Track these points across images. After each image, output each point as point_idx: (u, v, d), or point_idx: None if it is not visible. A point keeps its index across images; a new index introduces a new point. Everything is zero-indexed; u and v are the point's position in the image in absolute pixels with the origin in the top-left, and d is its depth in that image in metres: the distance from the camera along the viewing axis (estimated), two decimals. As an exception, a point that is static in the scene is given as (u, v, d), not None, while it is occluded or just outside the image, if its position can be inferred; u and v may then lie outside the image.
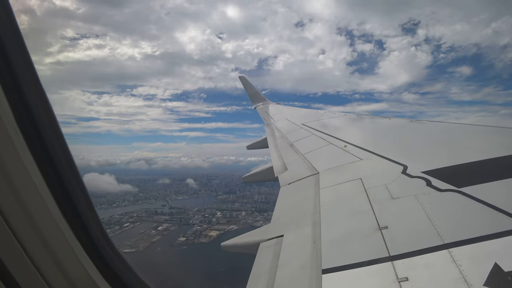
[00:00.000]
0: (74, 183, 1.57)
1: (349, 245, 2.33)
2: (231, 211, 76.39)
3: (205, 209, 78.32)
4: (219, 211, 75.82)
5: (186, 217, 74.36)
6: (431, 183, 2.71)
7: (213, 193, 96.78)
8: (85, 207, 1.64)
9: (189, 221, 71.06)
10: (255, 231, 3.54)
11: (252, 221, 67.17)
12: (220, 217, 71.98)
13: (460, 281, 1.59)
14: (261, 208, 76.20)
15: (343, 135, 5.62)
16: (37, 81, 1.38)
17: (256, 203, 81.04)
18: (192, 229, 65.42)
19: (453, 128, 4.64)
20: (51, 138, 1.45)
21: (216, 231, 63.72)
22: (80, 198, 1.60)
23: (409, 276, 1.73)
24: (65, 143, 1.52)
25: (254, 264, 2.57)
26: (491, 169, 2.79)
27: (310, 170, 4.39)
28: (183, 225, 69.13)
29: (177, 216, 75.29)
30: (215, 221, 69.70)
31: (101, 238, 1.74)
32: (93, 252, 1.61)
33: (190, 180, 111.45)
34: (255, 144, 9.73)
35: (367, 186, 3.14)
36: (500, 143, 3.55)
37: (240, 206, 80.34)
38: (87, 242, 1.58)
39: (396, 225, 2.30)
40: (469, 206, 2.22)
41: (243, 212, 75.00)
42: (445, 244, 1.88)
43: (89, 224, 1.64)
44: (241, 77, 16.40)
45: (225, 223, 68.59)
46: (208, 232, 63.13)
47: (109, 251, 1.78)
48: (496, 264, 1.60)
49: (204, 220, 70.48)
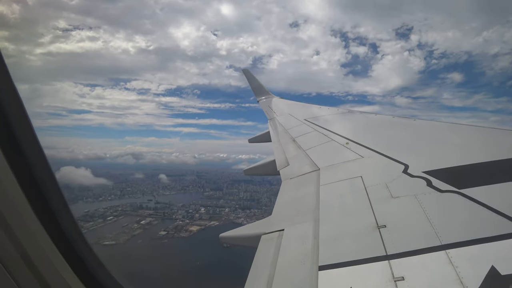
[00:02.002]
0: (45, 178, 1.51)
1: (346, 242, 2.34)
2: (215, 207, 77.45)
3: (190, 204, 79.35)
4: (203, 207, 76.78)
5: (170, 212, 75.45)
6: (432, 184, 2.70)
7: (201, 189, 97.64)
8: (59, 204, 1.59)
9: (172, 216, 72.15)
10: (255, 224, 3.57)
11: (234, 218, 68.49)
12: (203, 213, 73.10)
13: (456, 282, 1.59)
14: (244, 206, 77.51)
15: (345, 132, 5.60)
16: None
17: (241, 200, 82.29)
18: (174, 224, 66.56)
19: (457, 128, 4.60)
20: (21, 132, 1.39)
21: (197, 226, 65.05)
22: (53, 195, 1.55)
23: (405, 276, 1.74)
24: (36, 137, 1.46)
25: (256, 255, 2.61)
26: (493, 172, 2.77)
27: (311, 166, 4.38)
28: (166, 220, 70.25)
29: (161, 210, 76.43)
30: (197, 216, 70.90)
31: (76, 237, 1.70)
32: (67, 251, 1.57)
33: (162, 176, 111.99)
34: (257, 137, 9.73)
35: (367, 184, 3.14)
36: (504, 146, 3.52)
37: (225, 203, 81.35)
38: (61, 241, 1.54)
39: (395, 224, 2.31)
40: (469, 208, 2.22)
41: (227, 208, 76.11)
42: (443, 245, 1.88)
43: (63, 222, 1.59)
44: (245, 70, 16.29)
45: (207, 219, 69.78)
46: (189, 227, 64.44)
47: (84, 250, 1.74)
48: (493, 267, 1.60)
49: (187, 216, 71.56)
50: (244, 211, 72.83)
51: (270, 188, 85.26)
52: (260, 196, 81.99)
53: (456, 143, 4.01)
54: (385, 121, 6.07)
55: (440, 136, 4.50)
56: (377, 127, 6.08)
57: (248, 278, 2.33)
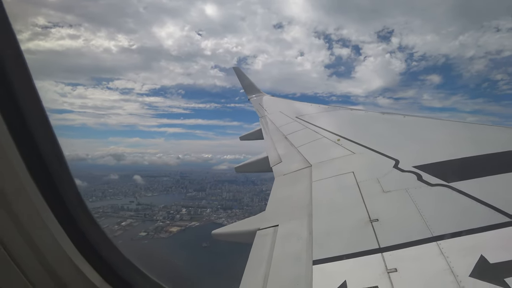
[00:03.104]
0: (61, 174, 1.47)
1: (340, 236, 2.36)
2: (197, 208, 76.80)
3: (172, 205, 78.49)
4: (185, 208, 76.00)
5: (151, 213, 74.55)
6: (422, 178, 2.76)
7: (184, 190, 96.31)
8: (74, 199, 1.53)
9: (153, 217, 71.35)
10: (248, 220, 3.55)
11: (215, 218, 68.22)
12: (184, 213, 72.54)
13: (447, 272, 1.63)
14: (226, 206, 77.13)
15: (336, 129, 5.65)
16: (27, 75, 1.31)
17: (223, 200, 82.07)
18: (154, 225, 66.01)
19: (445, 124, 4.72)
20: (39, 131, 1.36)
21: (177, 227, 64.68)
22: (68, 190, 1.49)
23: (398, 268, 1.77)
24: (54, 136, 1.43)
25: (252, 250, 2.61)
26: (480, 166, 2.85)
27: (304, 163, 4.40)
28: (147, 221, 69.42)
29: (142, 212, 75.42)
30: (178, 217, 70.34)
31: (94, 232, 1.63)
32: (86, 249, 1.50)
33: (137, 177, 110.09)
34: (248, 135, 9.71)
35: (359, 179, 3.18)
36: (489, 141, 3.62)
37: (207, 204, 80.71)
38: (78, 238, 1.47)
39: (387, 218, 2.34)
40: (458, 201, 2.27)
41: (209, 209, 75.63)
42: (434, 236, 1.93)
43: (79, 217, 1.53)
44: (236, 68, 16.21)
45: (188, 219, 69.34)
46: (169, 228, 63.99)
47: (104, 245, 1.66)
48: (482, 256, 1.65)
49: (168, 217, 71.05)
50: (226, 211, 72.65)
51: (253, 188, 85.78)
52: (242, 196, 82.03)
53: (445, 139, 4.11)
54: (376, 118, 6.16)
55: (429, 132, 4.60)
56: (367, 123, 6.16)
57: (245, 273, 2.33)
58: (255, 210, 67.96)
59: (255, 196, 80.00)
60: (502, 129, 3.90)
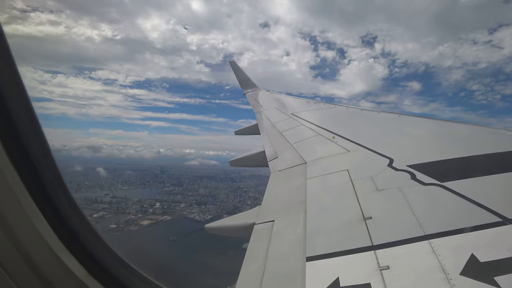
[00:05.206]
0: (45, 165, 1.44)
1: (333, 234, 2.38)
2: (171, 202, 77.33)
3: (146, 199, 78.76)
4: (159, 202, 76.36)
5: (124, 206, 74.64)
6: (416, 177, 2.79)
7: (161, 185, 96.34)
8: (59, 191, 1.49)
9: (126, 210, 71.46)
10: (242, 214, 3.56)
11: (188, 213, 68.84)
12: (158, 207, 72.78)
13: (438, 270, 1.66)
14: (201, 201, 77.74)
15: (332, 127, 5.66)
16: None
17: (199, 196, 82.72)
18: (126, 218, 66.09)
19: (440, 124, 4.77)
20: (26, 129, 1.34)
21: (148, 220, 64.90)
22: (53, 181, 1.47)
23: (390, 265, 1.79)
24: (40, 127, 1.42)
25: (249, 244, 2.63)
26: (473, 166, 2.90)
27: (298, 160, 4.41)
28: (119, 214, 69.45)
29: (116, 205, 75.51)
30: (151, 211, 70.54)
31: (79, 223, 1.60)
32: (70, 241, 1.47)
33: (100, 169, 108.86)
34: (244, 130, 9.69)
35: (353, 177, 3.20)
36: (483, 142, 3.68)
37: (182, 198, 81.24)
38: (62, 230, 1.44)
39: (380, 216, 2.37)
40: (450, 200, 2.31)
41: (183, 204, 76.16)
42: (426, 235, 1.96)
43: (63, 209, 1.49)
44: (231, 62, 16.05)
45: (161, 213, 69.60)
46: (140, 221, 64.17)
47: (90, 237, 1.62)
48: (472, 255, 1.68)
49: (141, 210, 71.23)
50: (199, 207, 73.55)
51: (231, 185, 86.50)
52: (218, 192, 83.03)
53: (439, 139, 4.16)
54: (371, 116, 6.19)
55: (424, 131, 4.64)
56: (363, 122, 6.19)
57: (242, 267, 2.35)
58: (228, 207, 68.42)
59: (231, 193, 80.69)
60: (497, 131, 3.97)
